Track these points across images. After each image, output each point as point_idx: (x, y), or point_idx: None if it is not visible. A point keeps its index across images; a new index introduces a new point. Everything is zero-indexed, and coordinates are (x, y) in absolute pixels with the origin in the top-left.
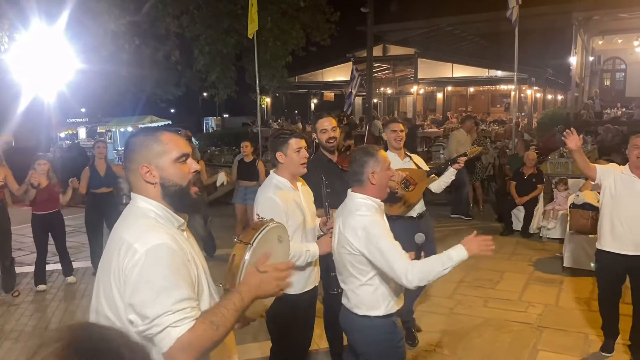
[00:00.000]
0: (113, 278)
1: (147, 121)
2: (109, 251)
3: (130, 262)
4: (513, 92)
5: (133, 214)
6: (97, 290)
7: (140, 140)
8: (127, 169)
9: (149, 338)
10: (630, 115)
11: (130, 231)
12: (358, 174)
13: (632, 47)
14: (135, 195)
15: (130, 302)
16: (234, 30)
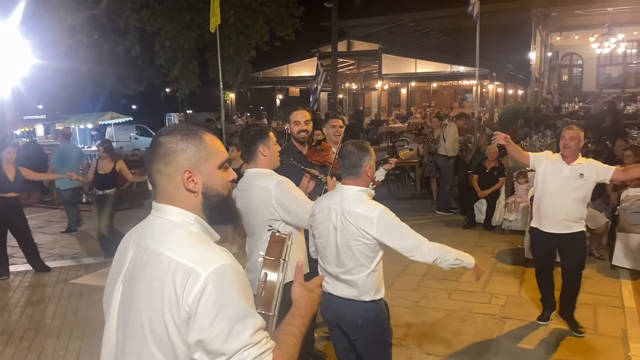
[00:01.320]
0: (168, 311)
1: (107, 118)
2: (151, 276)
3: (192, 290)
4: (475, 87)
5: (170, 227)
6: (139, 326)
7: (181, 140)
8: (159, 172)
9: None
10: (587, 110)
11: (182, 250)
12: (357, 167)
13: (588, 43)
14: (165, 205)
15: (199, 339)
16: (196, 24)
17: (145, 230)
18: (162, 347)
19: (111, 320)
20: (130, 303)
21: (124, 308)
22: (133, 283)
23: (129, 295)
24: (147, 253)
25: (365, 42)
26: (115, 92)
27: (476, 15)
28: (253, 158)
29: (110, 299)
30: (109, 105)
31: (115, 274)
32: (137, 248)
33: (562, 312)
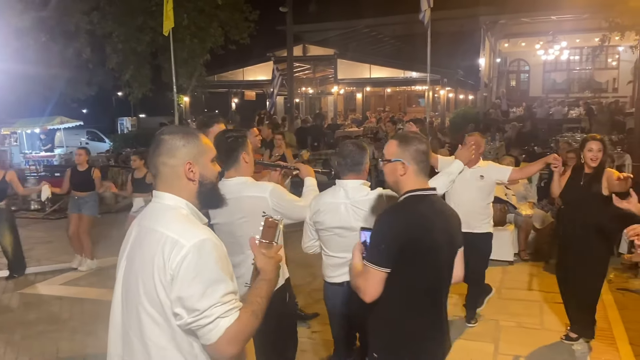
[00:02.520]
0: (157, 274)
1: (56, 122)
2: (147, 248)
3: (176, 257)
4: (427, 93)
5: (165, 210)
6: (136, 288)
7: (183, 138)
8: (163, 164)
9: (193, 331)
10: (534, 114)
11: (171, 227)
12: (359, 164)
13: (534, 49)
14: (162, 193)
15: (179, 296)
16: (148, 27)
17: (146, 213)
18: (153, 304)
19: (117, 291)
20: (130, 272)
21: (126, 279)
22: (134, 256)
23: (130, 266)
24: (144, 230)
25: (321, 47)
26: (65, 96)
27: (427, 22)
28: (234, 165)
29: (118, 271)
30: (58, 109)
31: (121, 252)
32: (138, 228)
33: (467, 304)
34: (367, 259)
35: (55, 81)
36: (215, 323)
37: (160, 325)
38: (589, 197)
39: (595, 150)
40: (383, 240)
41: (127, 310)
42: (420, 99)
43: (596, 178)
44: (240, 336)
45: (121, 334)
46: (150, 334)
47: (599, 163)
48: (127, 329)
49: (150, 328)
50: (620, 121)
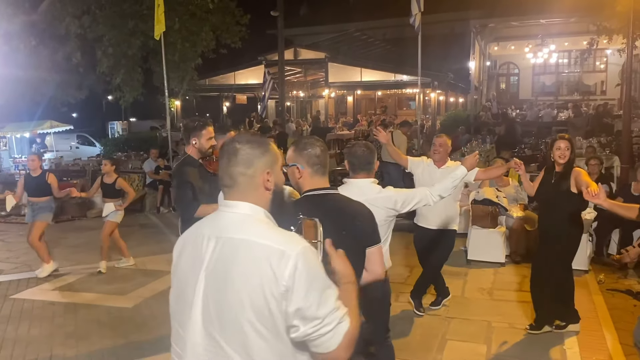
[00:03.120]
0: (267, 287)
1: (46, 126)
2: (247, 260)
3: (286, 268)
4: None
5: (248, 219)
6: (238, 304)
7: (259, 147)
8: (242, 174)
9: (305, 343)
10: (523, 116)
11: (269, 237)
12: (370, 163)
13: (523, 53)
14: (237, 202)
15: (298, 307)
16: (139, 31)
17: (221, 224)
18: (262, 318)
19: (195, 306)
20: (224, 286)
21: (214, 292)
22: (224, 269)
23: (221, 279)
24: (233, 242)
25: (312, 51)
26: (55, 100)
27: (417, 26)
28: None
29: (187, 289)
30: (48, 113)
31: (192, 266)
32: (217, 240)
33: (413, 294)
34: None
35: (45, 85)
36: (335, 330)
37: (268, 340)
38: (559, 195)
39: (563, 149)
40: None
41: (222, 325)
42: (410, 102)
43: (565, 176)
44: (353, 341)
45: (203, 352)
46: (257, 350)
47: (568, 161)
48: (219, 354)
49: (258, 344)
50: (608, 123)
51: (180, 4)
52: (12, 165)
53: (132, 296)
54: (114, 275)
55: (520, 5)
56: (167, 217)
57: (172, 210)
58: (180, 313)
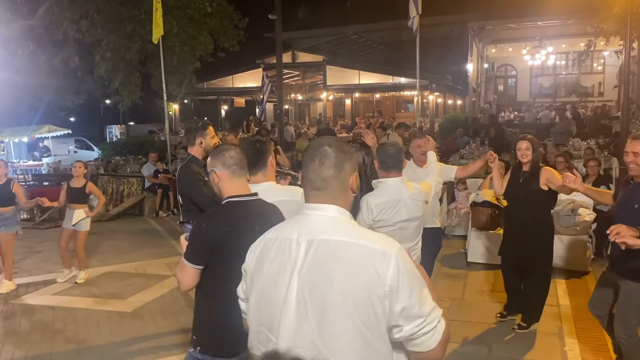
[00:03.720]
0: (373, 288)
1: (44, 131)
2: (348, 262)
3: (389, 268)
4: (416, 98)
5: (340, 221)
6: (342, 305)
7: (347, 150)
8: (333, 177)
9: (412, 340)
10: (521, 118)
11: (367, 238)
12: (402, 161)
13: (521, 55)
14: (324, 205)
15: (403, 306)
16: (137, 35)
17: (311, 226)
18: (366, 319)
19: (288, 309)
20: (323, 288)
21: (311, 294)
22: (322, 270)
23: (319, 281)
24: (329, 244)
25: (310, 54)
26: (53, 104)
27: (416, 29)
28: (262, 170)
29: (276, 292)
30: (46, 118)
31: (280, 270)
32: (308, 243)
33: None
34: (184, 255)
35: (43, 90)
36: (436, 328)
37: (370, 342)
38: (528, 193)
39: (524, 149)
40: (196, 240)
41: (322, 327)
42: (409, 104)
43: (534, 175)
44: (448, 339)
45: (299, 354)
46: (359, 351)
47: (533, 161)
48: (314, 349)
49: (360, 345)
50: (606, 125)
51: (179, 8)
52: (11, 170)
53: (131, 300)
54: (113, 279)
55: (517, 8)
56: (166, 221)
57: (171, 214)
58: (269, 317)
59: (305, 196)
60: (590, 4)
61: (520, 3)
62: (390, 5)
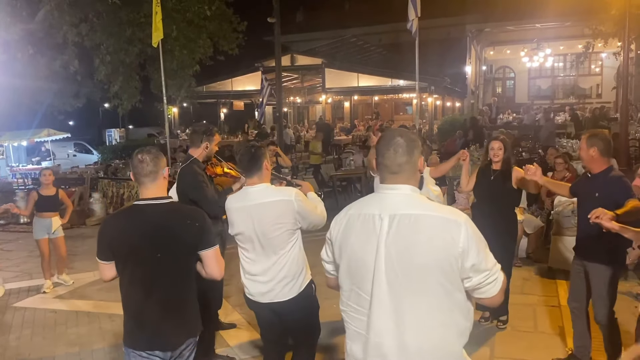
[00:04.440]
0: (449, 249)
1: (43, 134)
2: (429, 231)
3: (460, 233)
4: (415, 100)
5: (416, 198)
6: (424, 267)
7: (415, 138)
8: (407, 162)
9: (474, 290)
10: (520, 120)
11: (440, 210)
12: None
13: (519, 57)
14: (400, 185)
15: (473, 263)
16: (137, 38)
17: (390, 203)
18: (446, 274)
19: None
20: (409, 252)
21: (398, 258)
22: (407, 239)
23: (405, 248)
24: (410, 217)
25: (309, 57)
26: (52, 108)
27: (415, 31)
28: (257, 173)
29: (366, 259)
30: (45, 122)
31: (367, 241)
32: (391, 217)
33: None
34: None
35: (42, 93)
36: (497, 279)
37: (450, 292)
38: (499, 191)
39: (496, 149)
40: (98, 236)
41: (407, 286)
42: (407, 106)
43: (506, 174)
44: (505, 289)
45: (392, 310)
46: (440, 299)
47: (504, 160)
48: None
49: (441, 295)
50: (605, 127)
51: (178, 11)
52: (10, 174)
53: None
54: (115, 282)
55: (515, 10)
56: None
57: None
58: (359, 279)
59: (381, 179)
60: (588, 6)
61: (518, 5)
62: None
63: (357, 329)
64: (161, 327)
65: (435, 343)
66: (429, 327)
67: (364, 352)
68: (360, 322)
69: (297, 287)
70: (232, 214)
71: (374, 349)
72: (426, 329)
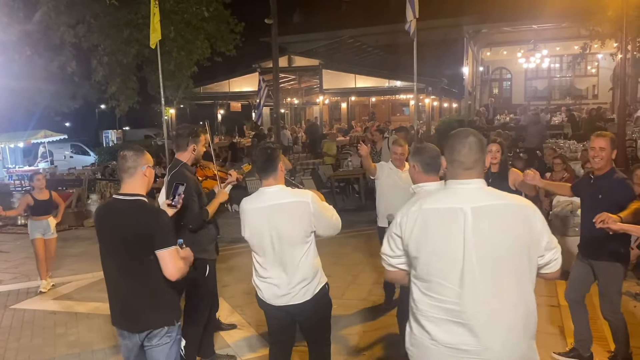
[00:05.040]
0: (529, 234)
1: (40, 136)
2: (513, 218)
3: (535, 218)
4: (412, 101)
5: (487, 190)
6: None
7: (482, 138)
8: (480, 159)
9: (547, 265)
10: (517, 121)
11: (511, 198)
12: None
13: (516, 57)
14: (473, 180)
15: (547, 241)
16: (134, 40)
17: (468, 196)
18: (529, 254)
19: (468, 260)
20: (494, 239)
21: (484, 244)
22: (491, 227)
23: (488, 235)
24: (490, 207)
25: (306, 58)
26: (49, 110)
27: (413, 32)
28: (273, 174)
29: (451, 249)
30: (42, 123)
31: (450, 232)
32: (473, 209)
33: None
34: None
35: (39, 95)
36: (560, 255)
37: (530, 268)
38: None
39: (494, 151)
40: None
41: (495, 267)
42: (404, 107)
43: (503, 175)
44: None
45: (483, 293)
46: (523, 274)
47: (501, 163)
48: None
49: (524, 272)
50: (601, 127)
51: (176, 12)
52: (6, 175)
53: None
54: None
55: (512, 11)
56: None
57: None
58: (442, 269)
59: (453, 175)
60: (584, 7)
61: (515, 7)
62: (384, 9)
63: (440, 315)
64: (125, 310)
65: (521, 317)
66: (516, 304)
67: (451, 335)
68: (444, 310)
69: (312, 290)
70: (246, 215)
71: (466, 332)
72: (513, 305)
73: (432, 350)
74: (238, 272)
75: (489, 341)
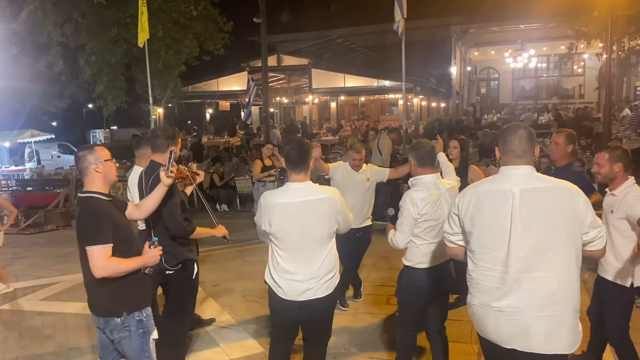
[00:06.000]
0: (576, 212)
1: (27, 135)
2: (556, 199)
3: (579, 199)
4: (401, 101)
5: (535, 175)
6: (553, 224)
7: (532, 131)
8: (529, 149)
9: (592, 242)
10: (505, 120)
11: (558, 182)
12: (435, 158)
13: (503, 57)
14: (523, 166)
15: (591, 220)
16: (122, 38)
17: (517, 180)
18: (573, 231)
19: (515, 235)
20: (540, 217)
21: (531, 222)
22: (537, 206)
23: (535, 214)
24: (536, 189)
25: (295, 57)
26: (36, 109)
27: (401, 32)
28: (304, 170)
29: (501, 225)
30: (28, 123)
31: (501, 211)
32: (520, 191)
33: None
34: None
35: (26, 94)
36: (604, 235)
37: (576, 243)
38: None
39: (452, 147)
40: None
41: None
42: (393, 107)
43: (462, 172)
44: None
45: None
46: (569, 247)
47: (462, 159)
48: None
49: (569, 246)
50: (588, 126)
51: (164, 11)
52: None
53: None
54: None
55: (500, 11)
56: None
57: None
58: (494, 242)
59: (506, 162)
60: (571, 7)
61: (503, 7)
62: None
63: (489, 283)
64: (88, 295)
65: (563, 289)
66: (558, 275)
67: (499, 299)
68: (493, 277)
69: (334, 284)
70: (273, 209)
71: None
72: (556, 276)
73: (487, 313)
74: (227, 272)
75: (529, 304)
